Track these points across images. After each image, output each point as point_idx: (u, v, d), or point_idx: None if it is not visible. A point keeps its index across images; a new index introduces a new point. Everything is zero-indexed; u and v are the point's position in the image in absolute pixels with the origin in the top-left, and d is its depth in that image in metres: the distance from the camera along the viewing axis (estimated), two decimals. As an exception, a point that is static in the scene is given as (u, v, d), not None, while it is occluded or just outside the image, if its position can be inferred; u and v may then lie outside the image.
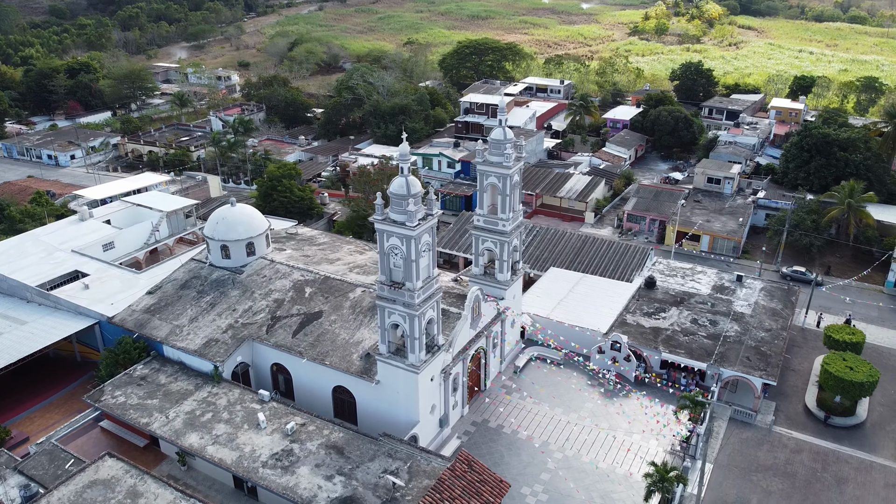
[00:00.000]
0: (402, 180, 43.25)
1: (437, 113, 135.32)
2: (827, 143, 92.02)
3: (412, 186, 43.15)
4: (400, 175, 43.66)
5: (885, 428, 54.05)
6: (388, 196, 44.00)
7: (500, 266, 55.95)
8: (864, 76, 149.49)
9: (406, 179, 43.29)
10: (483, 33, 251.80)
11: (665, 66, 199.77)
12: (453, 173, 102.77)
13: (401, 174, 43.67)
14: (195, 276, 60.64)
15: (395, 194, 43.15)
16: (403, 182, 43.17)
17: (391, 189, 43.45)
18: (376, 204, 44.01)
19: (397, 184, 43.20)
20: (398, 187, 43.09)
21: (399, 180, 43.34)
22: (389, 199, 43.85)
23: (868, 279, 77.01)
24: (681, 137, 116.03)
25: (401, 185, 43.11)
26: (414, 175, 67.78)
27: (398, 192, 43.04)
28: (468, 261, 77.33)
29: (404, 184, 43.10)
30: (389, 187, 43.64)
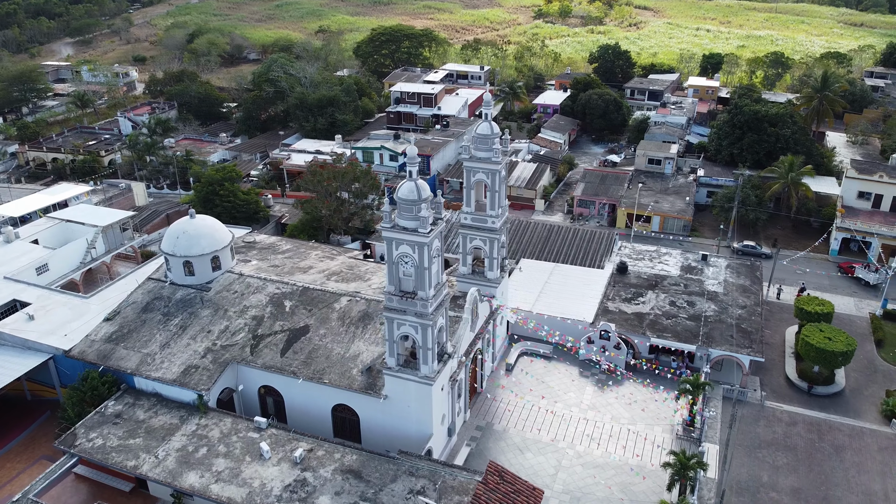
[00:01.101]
0: (412, 185, 40.73)
1: (364, 103, 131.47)
2: (757, 119, 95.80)
3: (422, 191, 40.73)
4: (408, 179, 41.10)
5: (863, 393, 56.77)
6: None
7: (490, 264, 54.42)
8: (771, 51, 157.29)
9: (416, 184, 40.81)
10: (388, 19, 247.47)
11: (574, 48, 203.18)
12: (397, 166, 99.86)
13: (409, 178, 41.11)
14: (157, 297, 55.54)
15: (405, 200, 40.58)
16: (413, 186, 40.67)
17: (399, 194, 40.83)
18: (383, 211, 41.28)
19: (407, 188, 40.62)
20: (408, 192, 40.53)
21: (408, 185, 40.78)
22: (397, 204, 41.24)
23: (815, 249, 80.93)
24: (611, 120, 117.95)
25: (411, 189, 40.58)
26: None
27: (408, 197, 40.49)
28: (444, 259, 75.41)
29: (414, 188, 40.61)
30: (397, 192, 41.01)
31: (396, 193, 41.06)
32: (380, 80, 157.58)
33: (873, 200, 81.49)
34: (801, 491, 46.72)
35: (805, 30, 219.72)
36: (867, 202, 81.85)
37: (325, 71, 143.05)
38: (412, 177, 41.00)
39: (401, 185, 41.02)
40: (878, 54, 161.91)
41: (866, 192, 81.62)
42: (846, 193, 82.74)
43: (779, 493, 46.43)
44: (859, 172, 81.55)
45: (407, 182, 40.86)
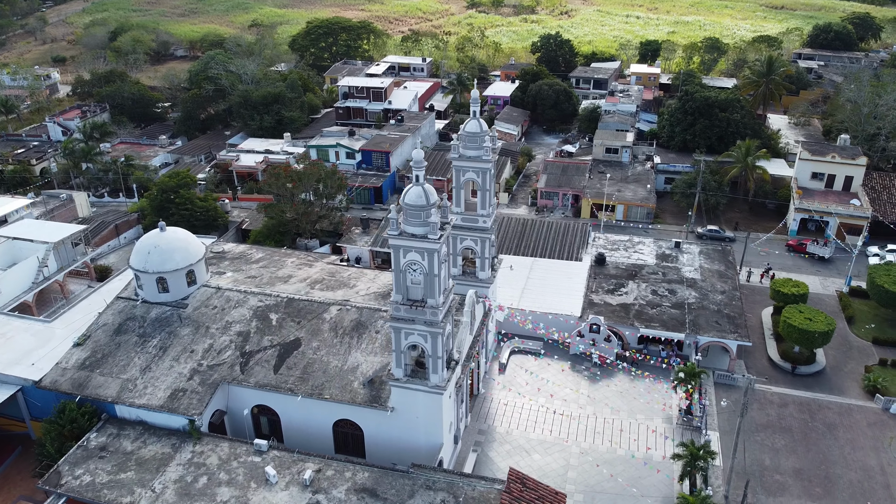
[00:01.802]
0: (419, 190, 39.07)
1: (310, 99, 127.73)
2: (708, 105, 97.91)
3: (430, 195, 39.15)
4: (415, 184, 39.42)
5: (843, 370, 58.70)
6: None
7: (482, 264, 53.33)
8: (706, 37, 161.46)
9: (423, 188, 39.17)
10: (318, 11, 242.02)
11: (510, 38, 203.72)
12: (354, 164, 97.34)
13: (415, 183, 39.44)
14: (129, 317, 51.98)
15: (413, 205, 38.91)
16: (421, 191, 39.02)
17: (406, 200, 39.12)
18: (390, 218, 39.48)
19: (414, 194, 38.94)
20: (416, 197, 38.86)
21: (416, 190, 39.10)
22: (403, 210, 39.52)
23: (769, 229, 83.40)
24: (563, 110, 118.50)
25: (418, 194, 38.92)
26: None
27: (416, 202, 38.84)
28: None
29: (422, 193, 38.97)
30: (403, 197, 39.28)
31: (402, 199, 39.34)
32: (320, 75, 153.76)
33: (826, 181, 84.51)
34: (803, 471, 47.83)
35: (730, 14, 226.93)
36: (820, 182, 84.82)
37: (263, 66, 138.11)
38: (419, 181, 39.35)
39: (407, 191, 39.30)
40: (805, 36, 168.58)
41: (819, 173, 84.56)
42: (800, 175, 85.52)
43: (783, 476, 47.39)
44: (812, 154, 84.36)
45: (414, 187, 39.19)
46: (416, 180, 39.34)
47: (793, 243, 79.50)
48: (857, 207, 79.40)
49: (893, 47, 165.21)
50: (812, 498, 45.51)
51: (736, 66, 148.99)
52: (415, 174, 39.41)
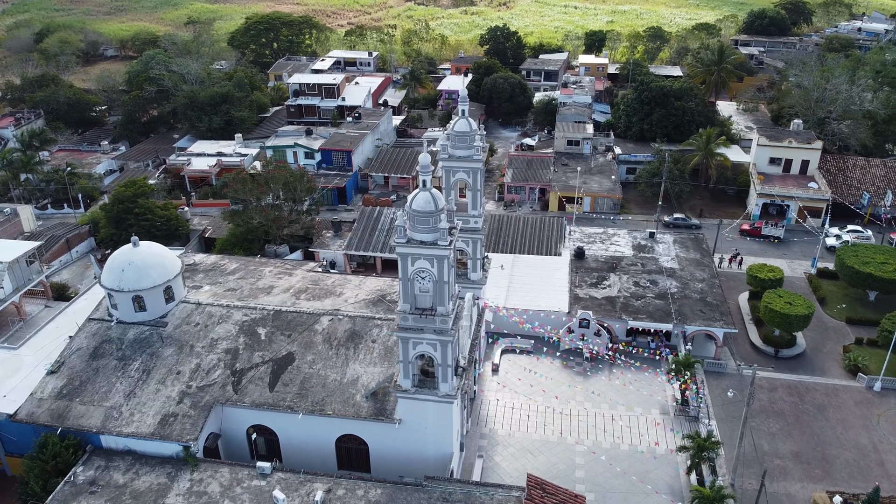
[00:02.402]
0: (427, 195, 37.69)
1: (257, 97, 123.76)
2: (664, 94, 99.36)
3: (438, 201, 37.85)
4: (422, 189, 38.02)
5: (822, 350, 60.39)
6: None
7: (474, 265, 52.42)
8: (650, 26, 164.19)
9: (430, 193, 37.81)
10: (252, 5, 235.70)
11: (452, 30, 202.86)
12: (315, 164, 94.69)
13: (422, 188, 38.05)
14: (105, 340, 48.81)
15: (421, 212, 37.51)
16: (428, 197, 37.65)
17: (413, 206, 37.70)
18: (398, 225, 37.99)
19: (422, 199, 37.54)
20: (424, 203, 37.48)
21: (423, 195, 37.70)
22: (410, 216, 38.07)
23: (735, 215, 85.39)
24: (518, 103, 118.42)
25: (427, 200, 37.55)
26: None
27: (424, 208, 37.46)
28: (387, 261, 72.33)
29: (430, 199, 37.61)
30: (410, 204, 37.82)
31: (409, 205, 37.89)
32: (263, 72, 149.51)
33: (783, 165, 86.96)
34: (801, 454, 48.87)
35: (664, 2, 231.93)
36: (778, 167, 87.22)
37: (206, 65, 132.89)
38: (426, 186, 37.97)
39: (414, 196, 37.85)
40: (740, 23, 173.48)
41: (777, 158, 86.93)
42: (758, 160, 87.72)
43: (782, 460, 48.30)
44: (770, 140, 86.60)
45: (421, 192, 37.78)
46: (423, 185, 37.96)
47: (746, 227, 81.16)
48: (816, 190, 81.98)
49: (825, 31, 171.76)
50: (813, 480, 46.53)
51: (679, 54, 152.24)
52: (421, 179, 38.00)
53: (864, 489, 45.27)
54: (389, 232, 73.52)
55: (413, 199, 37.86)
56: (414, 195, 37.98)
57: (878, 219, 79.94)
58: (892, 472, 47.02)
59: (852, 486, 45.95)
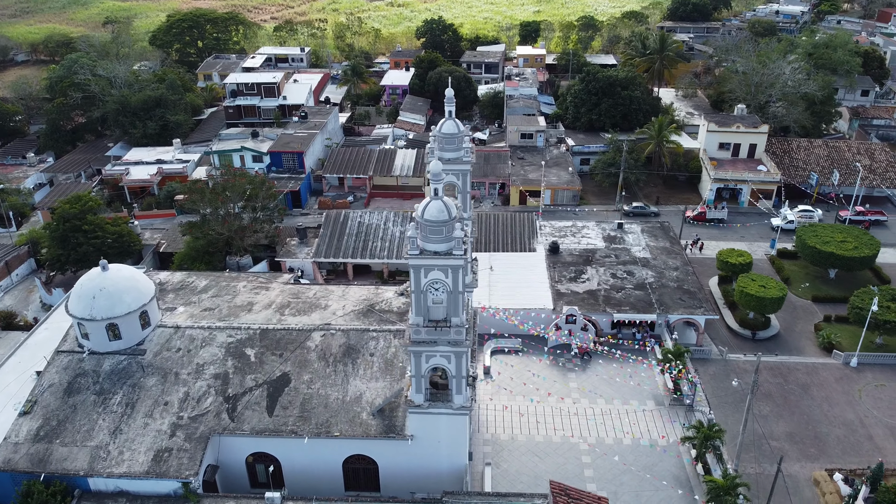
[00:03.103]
0: (440, 204, 36.25)
1: (191, 99, 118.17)
2: (611, 84, 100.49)
3: (451, 209, 36.48)
4: (434, 198, 36.53)
5: (795, 330, 62.43)
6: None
7: (465, 268, 51.13)
8: (582, 15, 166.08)
9: (443, 202, 36.39)
10: (169, 3, 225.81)
11: (381, 23, 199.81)
12: (264, 167, 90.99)
13: (434, 196, 36.57)
14: (78, 373, 45.14)
15: (434, 221, 36.03)
16: (441, 206, 36.22)
17: (426, 216, 36.16)
18: (409, 237, 36.40)
19: (436, 209, 36.05)
20: (437, 212, 36.01)
21: (436, 204, 36.22)
22: (422, 226, 36.54)
23: (689, 201, 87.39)
24: (465, 97, 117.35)
25: (440, 209, 36.10)
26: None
27: (437, 218, 36.00)
28: (358, 267, 70.29)
29: (443, 208, 36.19)
30: (421, 214, 36.26)
31: (421, 215, 36.35)
32: (191, 71, 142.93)
33: (732, 149, 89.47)
34: (795, 434, 50.29)
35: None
36: (727, 152, 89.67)
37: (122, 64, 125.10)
38: (438, 195, 36.52)
39: (426, 206, 36.31)
40: (665, 10, 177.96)
41: (726, 143, 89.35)
42: (708, 146, 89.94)
43: (778, 441, 49.55)
44: (719, 126, 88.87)
45: (433, 201, 36.29)
46: (435, 194, 36.50)
47: (690, 214, 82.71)
48: (767, 173, 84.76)
49: (745, 14, 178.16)
50: (810, 459, 47.95)
51: (610, 42, 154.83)
52: (433, 188, 36.54)
53: (859, 464, 47.00)
54: (358, 236, 71.46)
55: (425, 208, 36.34)
56: (425, 204, 36.46)
57: (827, 197, 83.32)
58: (881, 446, 48.98)
59: (847, 461, 47.62)
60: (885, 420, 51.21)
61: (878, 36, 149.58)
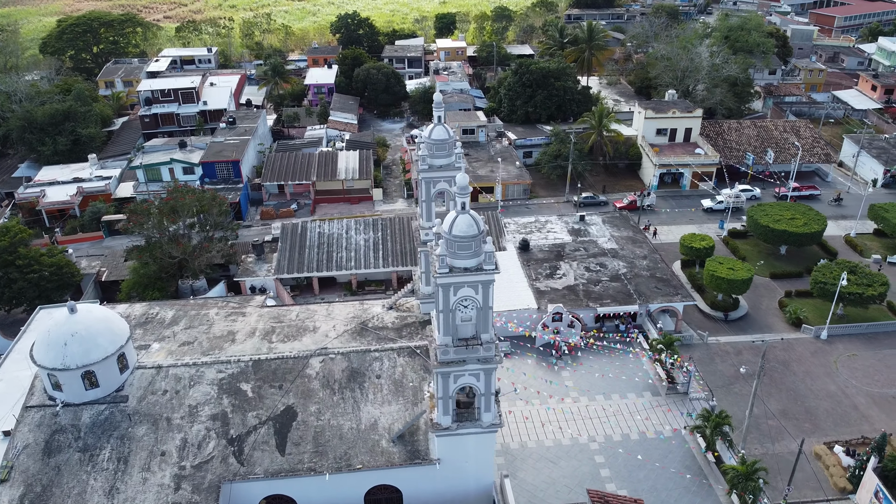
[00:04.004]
0: (469, 218, 34.50)
1: (100, 109, 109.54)
2: (544, 75, 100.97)
3: (479, 223, 34.84)
4: (461, 212, 34.72)
5: (761, 308, 64.76)
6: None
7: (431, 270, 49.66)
8: (497, 6, 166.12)
9: (470, 216, 34.68)
10: (48, 5, 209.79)
11: (285, 18, 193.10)
12: (196, 179, 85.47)
13: (462, 211, 34.76)
14: (56, 430, 40.45)
15: (463, 237, 34.27)
16: (470, 220, 34.50)
17: (454, 232, 34.31)
18: (438, 255, 34.43)
19: (465, 223, 34.26)
20: (467, 227, 34.25)
21: (465, 219, 34.44)
22: (449, 242, 34.66)
23: (633, 188, 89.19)
24: (395, 93, 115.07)
25: (469, 224, 34.36)
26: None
27: (467, 233, 34.25)
28: (323, 280, 67.22)
29: (472, 222, 34.49)
30: (449, 229, 34.38)
31: (448, 231, 34.47)
32: (89, 79, 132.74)
33: (669, 134, 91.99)
34: (787, 411, 52.06)
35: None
36: (664, 137, 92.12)
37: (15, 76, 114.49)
38: (465, 209, 34.76)
39: (454, 221, 34.43)
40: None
41: (663, 129, 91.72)
42: (646, 133, 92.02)
43: (774, 419, 51.05)
44: (656, 112, 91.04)
45: (461, 216, 34.49)
46: (463, 208, 34.72)
47: (620, 204, 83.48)
48: (705, 156, 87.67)
49: (647, 0, 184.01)
50: (806, 433, 49.64)
51: (525, 32, 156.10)
52: (460, 201, 34.72)
53: (851, 434, 49.29)
54: (321, 248, 68.25)
55: (452, 223, 34.48)
56: (452, 219, 34.61)
57: (763, 175, 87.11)
58: (867, 414, 51.51)
59: (840, 433, 49.78)
60: (864, 389, 53.93)
61: (773, 15, 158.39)
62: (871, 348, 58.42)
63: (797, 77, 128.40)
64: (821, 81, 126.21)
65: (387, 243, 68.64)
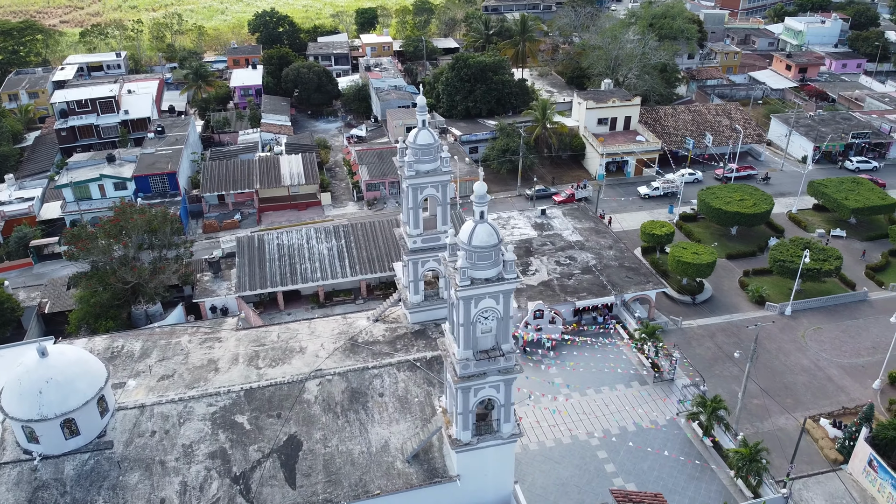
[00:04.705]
0: (488, 227, 33.29)
1: (10, 124, 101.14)
2: (483, 69, 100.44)
3: (497, 230, 33.77)
4: (480, 222, 33.46)
5: (723, 289, 66.74)
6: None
7: (446, 283, 48.33)
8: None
9: (490, 225, 33.53)
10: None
11: (191, 17, 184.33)
12: (129, 195, 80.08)
13: (481, 220, 33.51)
14: (38, 486, 36.71)
15: (485, 247, 33.05)
16: (490, 229, 33.30)
17: (475, 242, 33.03)
18: (459, 268, 33.04)
19: (485, 233, 33.04)
20: (486, 237, 33.04)
21: (485, 228, 33.20)
22: (470, 254, 33.37)
23: (580, 178, 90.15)
24: (328, 92, 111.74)
25: (489, 233, 33.17)
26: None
27: (488, 242, 33.05)
28: (288, 293, 64.37)
29: (491, 231, 33.31)
30: (468, 241, 33.06)
31: (468, 242, 33.16)
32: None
33: (610, 123, 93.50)
34: (768, 388, 53.71)
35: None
36: (605, 126, 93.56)
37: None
38: (483, 218, 33.56)
39: (473, 231, 33.13)
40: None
41: (604, 118, 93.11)
42: (588, 123, 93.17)
43: (758, 398, 52.60)
44: (597, 102, 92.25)
45: (480, 225, 33.24)
46: (481, 217, 33.50)
47: (559, 198, 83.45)
48: (647, 142, 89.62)
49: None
50: (790, 409, 51.53)
51: (447, 25, 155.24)
52: (479, 211, 33.45)
53: (833, 406, 51.45)
54: (282, 260, 65.29)
55: (472, 234, 33.19)
56: (471, 230, 33.30)
57: (702, 159, 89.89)
58: (842, 385, 53.94)
59: (821, 406, 51.90)
60: (835, 361, 56.49)
61: (687, 1, 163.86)
62: (834, 320, 61.30)
63: (714, 60, 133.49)
64: (736, 63, 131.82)
65: (352, 251, 66.42)
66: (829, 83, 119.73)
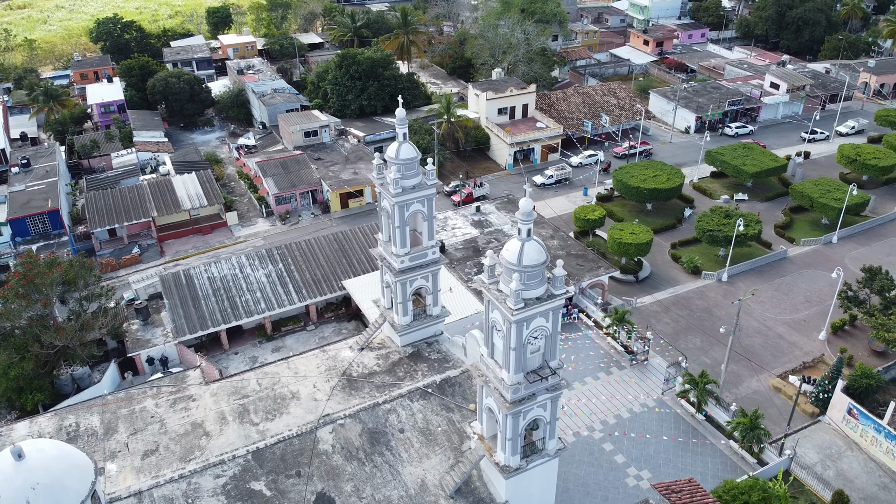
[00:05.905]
0: (536, 245, 31.72)
1: None
2: (373, 66, 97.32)
3: (544, 247, 32.34)
4: (527, 239, 31.76)
5: (658, 264, 69.52)
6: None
7: (434, 299, 46.36)
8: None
9: (537, 242, 31.98)
10: None
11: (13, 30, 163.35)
12: (7, 241, 69.51)
13: (527, 238, 31.81)
14: None
15: (534, 265, 31.43)
16: (538, 246, 31.77)
17: (525, 262, 31.34)
18: (513, 290, 31.15)
19: (534, 251, 31.41)
20: (536, 255, 31.45)
21: (534, 247, 31.56)
22: (521, 274, 31.63)
23: (490, 170, 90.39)
24: (202, 101, 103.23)
25: (538, 251, 31.63)
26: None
27: (538, 260, 31.49)
28: (232, 330, 58.96)
29: (540, 248, 31.83)
30: (518, 261, 31.31)
31: (518, 262, 31.38)
32: None
33: (509, 112, 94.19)
34: (735, 354, 56.59)
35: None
36: (505, 116, 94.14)
37: None
38: (530, 236, 31.90)
39: (522, 250, 31.37)
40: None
41: (503, 108, 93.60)
42: (489, 114, 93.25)
43: (729, 365, 55.13)
44: (496, 93, 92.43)
45: (528, 243, 31.52)
46: (528, 235, 31.84)
47: (457, 199, 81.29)
48: (549, 128, 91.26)
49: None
50: (757, 370, 54.69)
51: (306, 20, 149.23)
52: (525, 228, 31.70)
53: (794, 363, 55.25)
54: (218, 295, 59.48)
55: (521, 253, 31.47)
56: (520, 249, 31.55)
57: (599, 139, 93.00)
58: (794, 342, 58.07)
59: (783, 363, 55.57)
60: (779, 318, 60.74)
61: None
62: (765, 280, 65.93)
63: (576, 41, 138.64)
64: (596, 42, 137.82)
65: (293, 274, 61.86)
66: (685, 55, 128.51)
